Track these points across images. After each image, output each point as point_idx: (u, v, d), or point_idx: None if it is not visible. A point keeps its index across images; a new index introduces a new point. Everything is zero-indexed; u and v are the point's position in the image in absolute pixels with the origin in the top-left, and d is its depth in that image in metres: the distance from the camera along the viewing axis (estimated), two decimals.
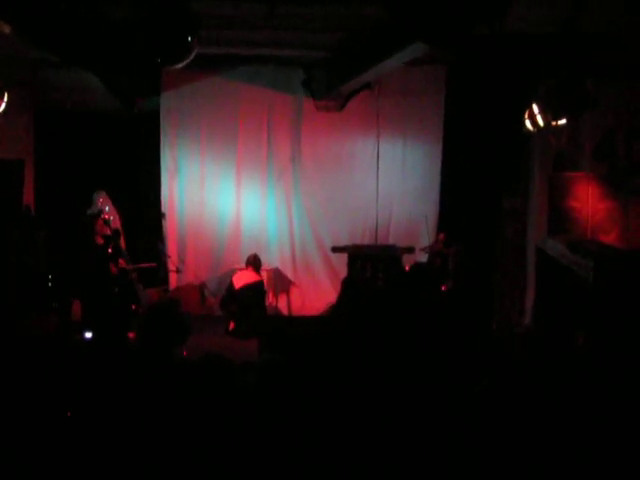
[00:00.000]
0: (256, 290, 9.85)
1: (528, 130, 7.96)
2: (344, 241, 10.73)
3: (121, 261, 9.07)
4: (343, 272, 10.17)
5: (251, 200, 11.12)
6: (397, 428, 3.29)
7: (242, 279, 9.81)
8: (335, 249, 10.47)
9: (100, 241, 9.10)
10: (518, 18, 6.67)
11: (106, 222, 9.07)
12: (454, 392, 3.63)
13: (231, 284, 9.87)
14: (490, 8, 6.33)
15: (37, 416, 3.51)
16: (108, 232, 9.08)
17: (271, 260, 10.82)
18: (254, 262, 9.93)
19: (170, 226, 11.08)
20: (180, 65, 5.60)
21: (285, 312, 11.04)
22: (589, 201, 8.96)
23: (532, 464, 3.01)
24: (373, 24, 7.73)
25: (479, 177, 10.47)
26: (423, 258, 10.28)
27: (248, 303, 9.65)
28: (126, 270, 9.14)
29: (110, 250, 9.06)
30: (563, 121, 7.51)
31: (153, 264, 9.85)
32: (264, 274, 10.31)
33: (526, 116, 7.88)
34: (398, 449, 3.15)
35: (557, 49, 7.08)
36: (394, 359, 4.12)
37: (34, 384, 3.84)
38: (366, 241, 10.94)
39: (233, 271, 10.35)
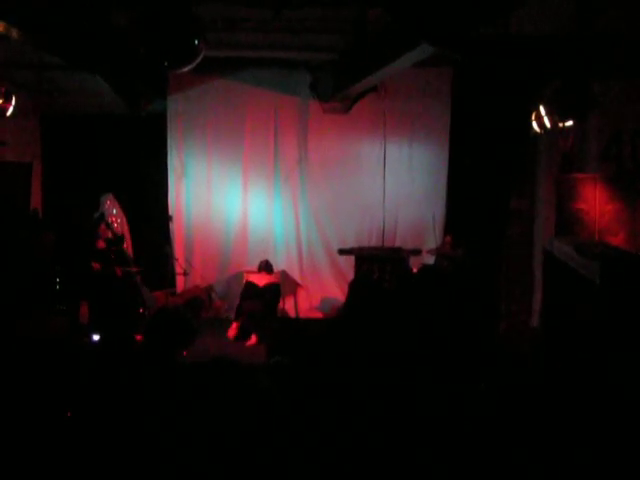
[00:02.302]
0: (276, 291, 10.03)
1: (535, 132, 7.95)
2: (351, 243, 10.74)
3: (117, 268, 9.02)
4: (350, 274, 10.18)
5: (258, 202, 11.13)
6: (404, 428, 3.29)
7: (262, 279, 9.98)
8: (342, 251, 10.47)
9: (102, 245, 9.11)
10: (523, 19, 6.67)
11: (108, 225, 9.08)
12: (458, 393, 3.63)
13: (251, 283, 9.99)
14: (494, 9, 6.32)
15: (42, 417, 3.52)
16: (110, 235, 9.09)
17: (278, 262, 10.82)
18: (266, 267, 10.05)
19: (177, 229, 11.10)
20: (187, 68, 5.60)
21: (292, 314, 11.05)
22: (596, 203, 8.94)
23: (532, 465, 3.01)
24: (379, 26, 7.73)
25: (486, 179, 10.47)
26: (430, 260, 10.27)
27: (269, 302, 9.81)
28: (130, 273, 9.15)
29: (113, 255, 9.06)
30: (570, 123, 7.50)
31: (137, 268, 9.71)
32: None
33: (533, 118, 7.88)
34: (406, 449, 3.16)
35: (563, 50, 7.07)
36: (402, 361, 4.12)
37: (41, 385, 3.85)
38: (373, 243, 10.94)
39: (240, 275, 10.41)
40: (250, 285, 10.00)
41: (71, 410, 3.55)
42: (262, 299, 9.74)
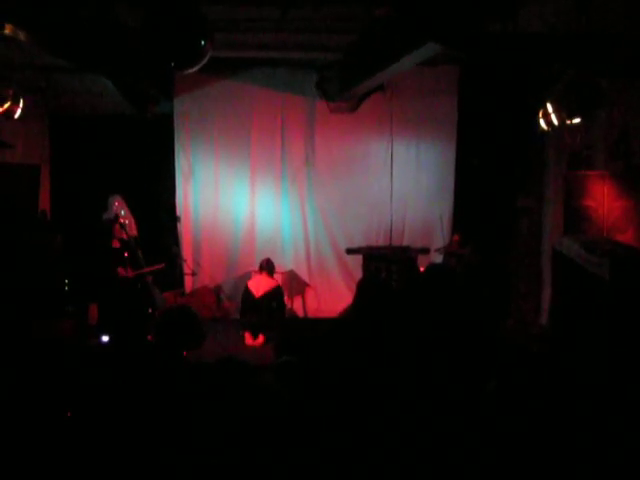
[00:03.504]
0: (276, 296, 9.69)
1: (543, 129, 7.93)
2: (358, 242, 10.73)
3: (128, 269, 8.99)
4: (358, 273, 10.17)
5: (265, 202, 11.14)
6: (414, 428, 3.29)
7: (260, 287, 9.60)
8: (349, 251, 10.45)
9: (117, 245, 9.12)
10: (531, 17, 6.66)
11: (122, 226, 9.09)
12: (466, 391, 3.62)
13: (249, 292, 9.65)
14: (502, 7, 6.31)
15: (46, 418, 3.53)
16: (124, 236, 9.10)
17: (286, 262, 10.83)
18: (267, 267, 9.73)
19: (185, 229, 11.11)
20: (193, 69, 5.60)
21: (300, 314, 11.05)
22: (605, 200, 8.91)
23: (546, 464, 3.00)
24: (385, 25, 7.72)
25: (493, 177, 10.45)
26: (438, 259, 10.26)
27: (269, 311, 9.51)
28: (141, 274, 9.16)
29: (126, 254, 9.06)
30: (577, 120, 7.48)
31: (160, 265, 9.62)
32: (278, 277, 10.25)
33: (540, 115, 7.86)
34: (416, 449, 3.15)
35: (571, 47, 7.05)
36: (410, 360, 4.12)
37: (45, 386, 3.86)
38: (380, 242, 10.93)
39: (248, 275, 10.36)
40: (247, 295, 9.67)
41: (75, 410, 3.55)
42: (261, 309, 9.50)
